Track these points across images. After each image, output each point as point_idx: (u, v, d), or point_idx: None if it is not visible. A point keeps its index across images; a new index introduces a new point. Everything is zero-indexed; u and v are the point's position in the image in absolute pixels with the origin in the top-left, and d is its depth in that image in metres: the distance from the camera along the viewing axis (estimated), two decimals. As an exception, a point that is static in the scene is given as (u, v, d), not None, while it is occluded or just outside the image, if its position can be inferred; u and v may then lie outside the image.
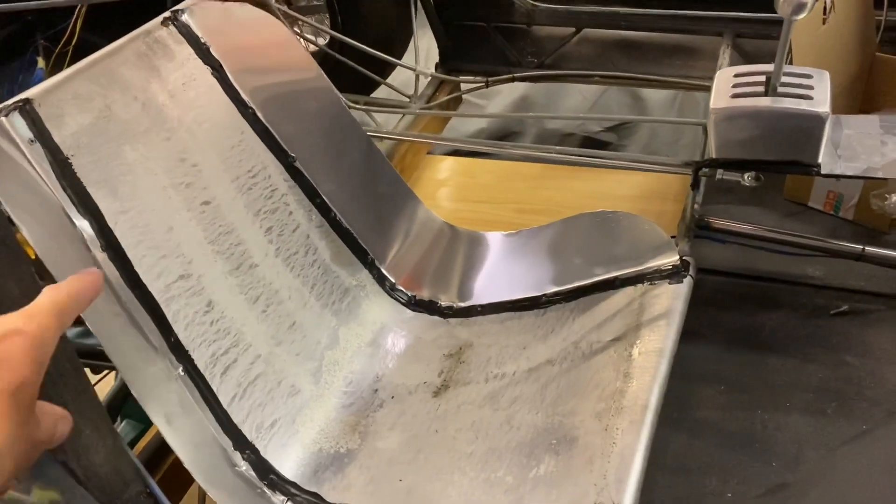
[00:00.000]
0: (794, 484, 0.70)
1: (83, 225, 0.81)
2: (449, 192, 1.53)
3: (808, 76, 0.97)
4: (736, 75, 1.00)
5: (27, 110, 0.80)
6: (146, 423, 1.26)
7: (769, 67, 0.95)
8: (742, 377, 1.04)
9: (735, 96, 0.96)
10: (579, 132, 2.21)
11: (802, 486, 0.69)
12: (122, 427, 1.39)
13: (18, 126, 0.78)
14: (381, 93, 1.94)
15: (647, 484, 0.75)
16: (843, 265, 1.18)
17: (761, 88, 0.96)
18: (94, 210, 0.82)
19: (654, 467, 0.76)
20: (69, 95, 0.85)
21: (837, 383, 1.01)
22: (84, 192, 0.82)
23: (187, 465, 0.78)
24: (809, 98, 0.94)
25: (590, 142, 2.20)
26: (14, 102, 0.79)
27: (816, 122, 0.93)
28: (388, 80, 1.82)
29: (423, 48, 1.96)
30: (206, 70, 1.01)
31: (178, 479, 0.94)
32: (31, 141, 0.79)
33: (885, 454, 0.79)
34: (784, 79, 0.95)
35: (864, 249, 1.12)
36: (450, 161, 1.62)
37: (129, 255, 0.84)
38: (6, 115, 0.78)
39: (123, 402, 1.38)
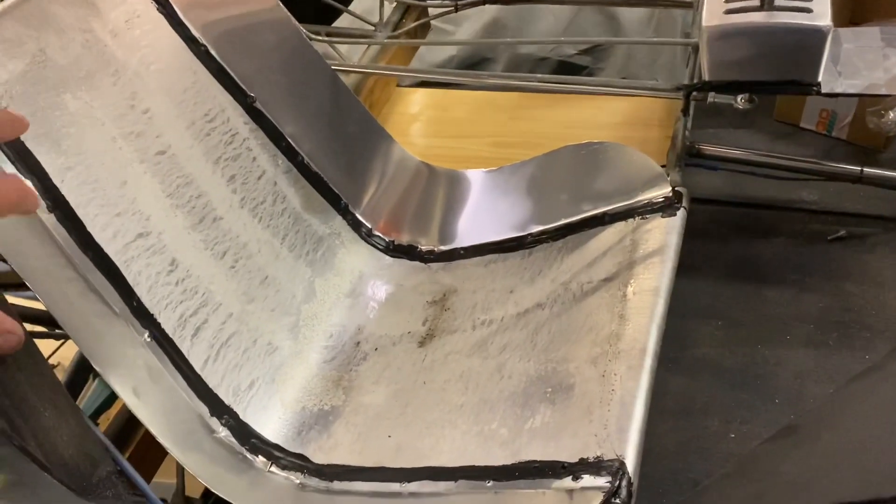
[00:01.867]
0: (803, 426, 0.67)
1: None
2: (421, 127, 1.46)
3: (806, -13, 0.90)
4: (728, -11, 0.93)
5: (-53, 59, 0.71)
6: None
7: (764, -21, 0.89)
8: (739, 311, 1.00)
9: (729, 12, 0.90)
10: (553, 56, 2.13)
11: (811, 427, 0.66)
12: (96, 386, 1.34)
13: (-61, 78, 0.70)
14: (342, 22, 1.83)
15: (648, 430, 0.71)
16: (838, 187, 1.14)
17: (756, 2, 0.89)
18: (36, 167, 0.75)
19: (654, 411, 0.73)
20: (-5, 40, 0.76)
21: (838, 313, 0.98)
22: (23, 148, 0.74)
23: (160, 437, 0.73)
24: (808, 11, 0.87)
25: (565, 66, 2.12)
26: (-70, 51, 0.71)
27: (817, 37, 0.86)
28: (350, 8, 1.71)
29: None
30: (152, 5, 0.92)
31: (152, 452, 0.89)
32: (-45, 94, 0.71)
33: (893, 391, 0.77)
34: (780, -9, 0.88)
35: (862, 171, 1.07)
36: (421, 93, 1.53)
37: (80, 214, 0.77)
38: (-77, 66, 0.69)
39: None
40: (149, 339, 0.78)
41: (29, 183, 0.73)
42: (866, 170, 1.08)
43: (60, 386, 0.66)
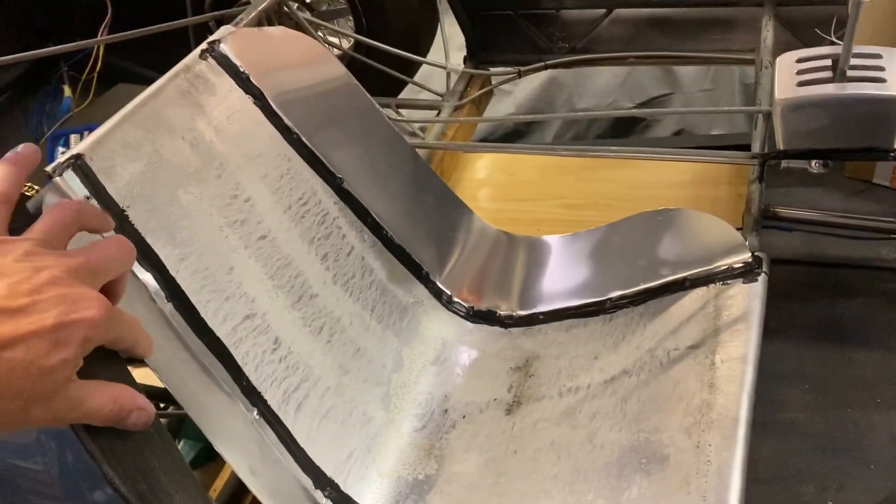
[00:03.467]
0: (906, 496, 0.68)
1: (146, 278, 0.79)
2: (491, 191, 1.50)
3: (878, 56, 0.92)
4: (798, 60, 0.95)
5: (79, 166, 0.78)
6: (203, 440, 1.26)
7: (835, 50, 0.91)
8: (826, 373, 1.00)
9: (801, 84, 0.92)
10: (611, 108, 2.18)
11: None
12: (181, 447, 1.39)
13: (73, 184, 0.77)
14: (407, 89, 1.91)
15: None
16: (918, 244, 1.14)
17: (828, 73, 0.91)
18: (156, 260, 0.81)
19: (748, 478, 0.74)
20: (118, 145, 0.82)
21: (928, 374, 0.98)
22: (143, 243, 0.80)
23: (272, 510, 0.77)
24: (882, 81, 0.89)
25: (623, 119, 2.17)
26: (66, 160, 0.77)
27: (891, 106, 0.88)
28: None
29: (447, 37, 1.92)
30: (249, 100, 0.99)
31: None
32: (88, 198, 0.77)
33: None
34: (852, 61, 0.90)
35: (941, 229, 1.07)
36: (488, 158, 1.58)
37: (194, 301, 0.82)
38: (60, 175, 0.76)
39: (180, 424, 1.38)
40: (257, 417, 0.83)
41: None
42: (945, 227, 1.08)
43: (188, 467, 0.70)
